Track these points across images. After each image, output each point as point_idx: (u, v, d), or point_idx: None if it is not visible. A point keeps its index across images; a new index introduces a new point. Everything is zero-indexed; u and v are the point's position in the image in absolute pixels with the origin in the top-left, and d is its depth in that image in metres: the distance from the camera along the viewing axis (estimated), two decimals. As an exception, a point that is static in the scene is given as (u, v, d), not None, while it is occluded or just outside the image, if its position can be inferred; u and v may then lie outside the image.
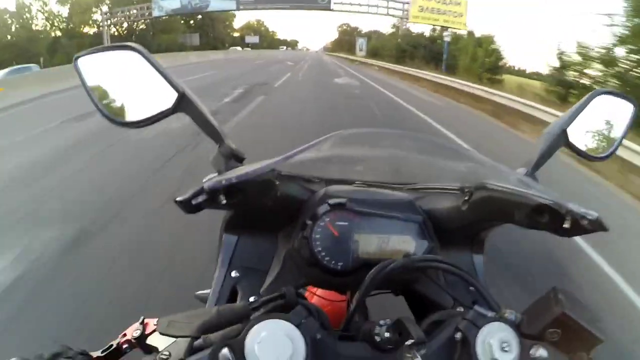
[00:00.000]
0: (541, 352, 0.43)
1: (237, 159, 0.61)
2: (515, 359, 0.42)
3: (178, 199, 0.52)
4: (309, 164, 0.73)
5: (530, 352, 0.43)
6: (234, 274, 0.67)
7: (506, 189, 0.58)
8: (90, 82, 0.62)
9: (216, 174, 0.58)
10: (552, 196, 0.52)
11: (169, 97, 0.58)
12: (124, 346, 0.54)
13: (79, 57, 0.63)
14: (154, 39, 36.90)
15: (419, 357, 0.41)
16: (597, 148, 0.72)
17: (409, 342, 0.42)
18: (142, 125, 0.59)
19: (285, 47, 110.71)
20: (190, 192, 0.51)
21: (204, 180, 0.53)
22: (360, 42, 49.33)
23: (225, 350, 0.38)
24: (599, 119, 0.72)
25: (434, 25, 31.55)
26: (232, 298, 0.66)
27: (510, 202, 0.57)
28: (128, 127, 0.61)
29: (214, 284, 0.66)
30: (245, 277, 0.67)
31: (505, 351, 0.42)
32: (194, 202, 0.51)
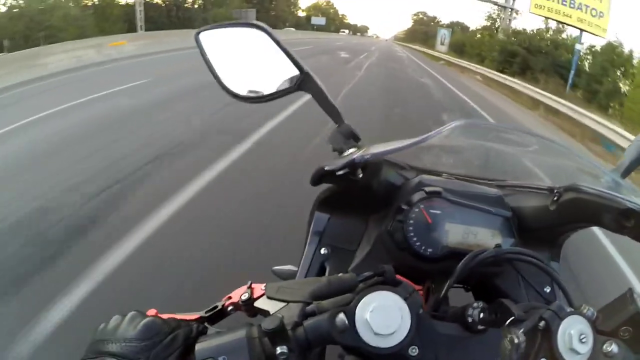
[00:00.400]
0: (613, 347, 0.44)
1: (354, 138, 0.64)
2: (590, 351, 0.43)
3: (327, 168, 0.56)
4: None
5: (604, 347, 0.44)
6: (323, 251, 0.70)
7: (596, 191, 0.58)
8: (212, 56, 0.65)
9: (353, 150, 0.62)
10: None
11: (291, 76, 0.61)
12: (229, 308, 0.57)
13: (200, 32, 0.67)
14: (202, 12, 30.22)
15: (521, 335, 0.43)
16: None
17: (510, 319, 0.44)
18: (264, 101, 0.63)
19: (348, 31, 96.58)
20: (339, 163, 0.56)
21: (343, 156, 0.60)
22: (443, 34, 38.05)
23: (341, 315, 0.41)
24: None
25: (562, 22, 20.46)
26: (320, 274, 0.69)
27: (599, 205, 0.57)
28: (249, 102, 0.65)
29: (303, 259, 0.70)
30: (334, 255, 0.70)
31: (583, 342, 0.43)
32: (338, 172, 0.56)
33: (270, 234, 2.84)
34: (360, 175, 0.56)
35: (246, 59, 0.64)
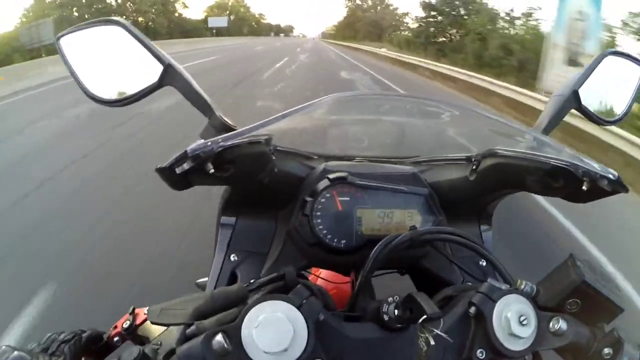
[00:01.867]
0: (561, 324, 0.41)
1: (228, 131, 0.57)
2: (534, 332, 0.40)
3: (159, 166, 0.47)
4: (306, 139, 0.71)
5: (550, 325, 0.41)
6: (232, 257, 0.64)
7: (517, 153, 0.54)
8: (74, 61, 0.59)
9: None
10: (568, 157, 0.49)
11: (155, 71, 0.56)
12: (115, 339, 0.51)
13: (61, 36, 0.61)
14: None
15: (433, 334, 0.39)
16: (608, 111, 0.70)
17: (422, 318, 0.39)
18: (128, 103, 0.57)
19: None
20: (172, 157, 0.46)
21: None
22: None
23: (219, 337, 0.35)
24: (609, 81, 0.69)
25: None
26: (232, 283, 0.63)
27: (521, 168, 0.54)
28: (113, 106, 0.58)
29: (212, 269, 0.64)
30: (245, 260, 0.64)
31: (524, 325, 0.39)
32: (177, 170, 0.46)
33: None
34: (212, 171, 0.48)
35: (110, 59, 0.58)
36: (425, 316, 0.38)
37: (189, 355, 0.35)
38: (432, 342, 0.39)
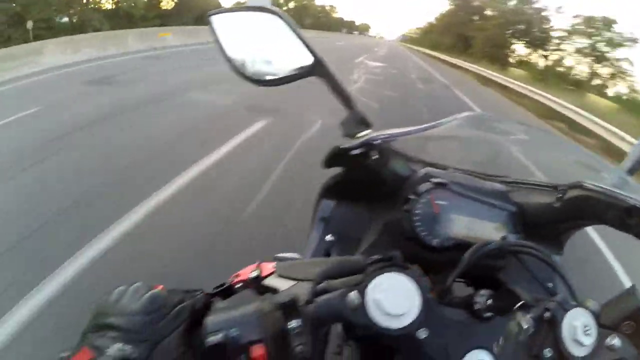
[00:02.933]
0: (616, 341, 0.46)
1: (365, 124, 0.65)
2: (594, 343, 0.45)
3: (342, 146, 0.57)
4: (408, 141, 0.75)
5: (607, 340, 0.46)
6: (328, 237, 0.71)
7: (601, 188, 0.59)
8: (224, 39, 0.66)
9: (365, 133, 0.63)
10: None
11: (303, 61, 0.62)
12: (237, 286, 0.56)
13: (212, 14, 0.68)
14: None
15: (529, 319, 0.44)
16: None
17: (519, 304, 0.46)
18: (275, 84, 0.64)
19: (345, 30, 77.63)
20: (355, 142, 0.57)
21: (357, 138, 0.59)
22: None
23: (354, 293, 0.41)
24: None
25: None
26: None
27: (603, 203, 0.58)
28: (260, 85, 0.65)
29: (308, 244, 0.70)
30: (339, 242, 0.71)
31: (587, 335, 0.45)
32: (353, 152, 0.57)
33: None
34: (375, 157, 0.57)
35: (258, 43, 0.66)
36: (522, 302, 0.45)
37: (327, 305, 0.41)
38: (518, 331, 0.44)
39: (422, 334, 0.43)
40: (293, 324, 0.39)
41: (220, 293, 0.56)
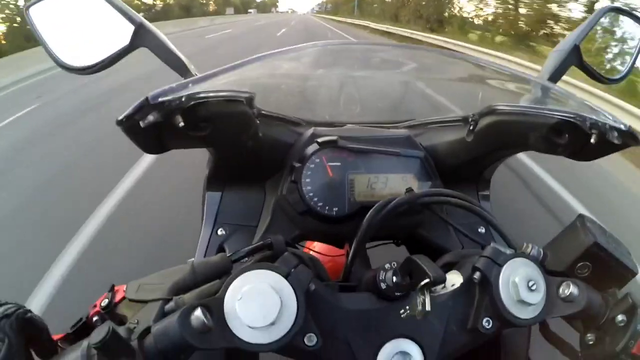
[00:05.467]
0: (572, 289, 0.37)
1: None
2: (544, 299, 0.37)
3: (119, 117, 0.39)
4: (293, 104, 0.67)
5: (560, 290, 0.38)
6: (220, 232, 0.62)
7: (517, 109, 0.51)
8: (45, 31, 0.56)
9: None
10: (574, 108, 0.45)
11: (127, 32, 0.53)
12: (94, 319, 0.46)
13: (29, 6, 0.57)
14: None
15: (428, 296, 0.35)
16: (610, 68, 0.67)
17: (424, 282, 0.35)
18: (99, 69, 0.54)
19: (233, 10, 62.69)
20: (132, 106, 0.39)
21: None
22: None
23: (198, 311, 0.31)
24: (609, 37, 0.67)
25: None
26: None
27: (523, 125, 0.50)
28: (83, 73, 0.55)
29: (199, 244, 0.61)
30: (233, 234, 0.62)
31: (532, 290, 0.36)
32: (142, 123, 0.39)
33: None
34: (181, 124, 0.41)
35: (81, 24, 0.56)
36: (427, 280, 0.35)
37: (165, 333, 0.31)
38: (429, 307, 0.35)
39: (311, 340, 0.34)
40: None
41: (78, 331, 0.46)
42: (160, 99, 0.39)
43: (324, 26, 24.42)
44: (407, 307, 0.37)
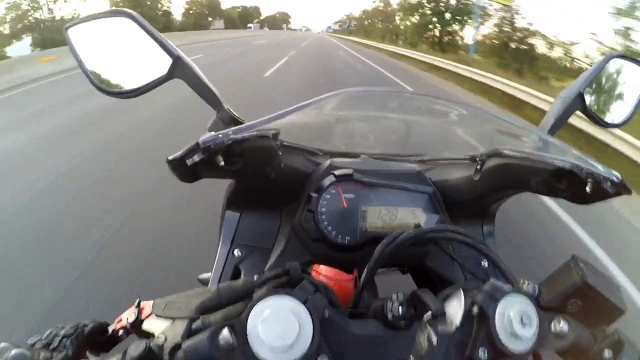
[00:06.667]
0: (563, 324, 0.40)
1: (237, 124, 0.58)
2: (536, 333, 0.40)
3: (170, 157, 0.46)
4: (312, 134, 0.71)
5: (552, 325, 0.40)
6: (236, 252, 0.65)
7: (521, 154, 0.54)
8: (82, 52, 0.60)
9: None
10: (572, 158, 0.49)
11: (164, 63, 0.57)
12: (120, 333, 0.50)
13: (69, 27, 0.61)
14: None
15: (434, 331, 0.38)
16: (612, 113, 0.70)
17: (427, 315, 0.39)
18: (135, 95, 0.58)
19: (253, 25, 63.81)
20: (183, 148, 0.46)
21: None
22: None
23: (225, 331, 0.34)
24: (613, 83, 0.70)
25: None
26: (235, 278, 0.64)
27: (526, 169, 0.54)
28: (120, 97, 0.59)
29: (215, 263, 0.64)
30: (249, 255, 0.65)
31: (525, 325, 0.39)
32: (188, 161, 0.46)
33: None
34: (222, 164, 0.47)
35: (118, 50, 0.59)
36: (429, 312, 0.38)
37: (195, 350, 0.34)
38: (436, 340, 0.38)
39: None
40: None
41: (103, 344, 0.48)
42: (207, 145, 0.45)
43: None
44: (413, 338, 0.40)
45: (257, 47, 21.63)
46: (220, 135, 0.46)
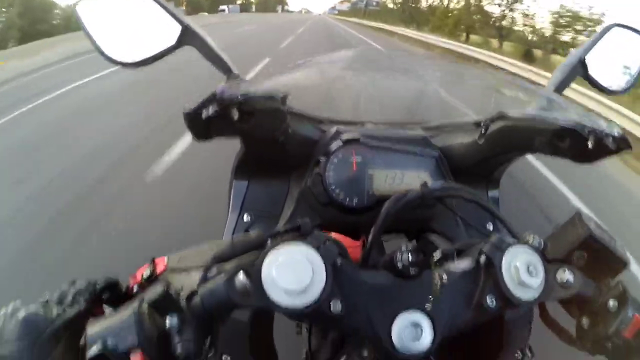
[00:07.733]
0: (568, 275, 0.41)
1: None
2: (542, 283, 0.41)
3: (187, 110, 0.48)
4: (318, 103, 0.72)
5: (557, 276, 0.42)
6: (246, 217, 0.67)
7: (525, 116, 0.55)
8: (93, 27, 0.61)
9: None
10: (575, 116, 0.49)
11: (174, 32, 0.58)
12: (134, 289, 0.49)
13: (77, 3, 0.62)
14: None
15: (444, 270, 0.40)
16: (614, 81, 0.71)
17: (436, 253, 0.41)
18: (146, 64, 0.59)
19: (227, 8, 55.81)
20: (199, 100, 0.47)
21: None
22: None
23: (241, 275, 0.35)
24: (614, 52, 0.71)
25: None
26: None
27: (529, 130, 0.55)
28: (130, 67, 0.60)
29: (225, 229, 0.66)
30: (258, 221, 0.67)
31: (532, 275, 0.40)
32: (203, 114, 0.47)
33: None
34: (236, 117, 0.49)
35: (128, 22, 0.60)
36: (439, 250, 0.40)
37: (211, 293, 0.36)
38: (446, 278, 0.40)
39: (336, 306, 0.38)
40: (171, 321, 0.34)
41: (116, 301, 0.51)
42: (223, 96, 0.47)
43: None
44: (424, 286, 0.41)
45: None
46: (234, 89, 0.48)
